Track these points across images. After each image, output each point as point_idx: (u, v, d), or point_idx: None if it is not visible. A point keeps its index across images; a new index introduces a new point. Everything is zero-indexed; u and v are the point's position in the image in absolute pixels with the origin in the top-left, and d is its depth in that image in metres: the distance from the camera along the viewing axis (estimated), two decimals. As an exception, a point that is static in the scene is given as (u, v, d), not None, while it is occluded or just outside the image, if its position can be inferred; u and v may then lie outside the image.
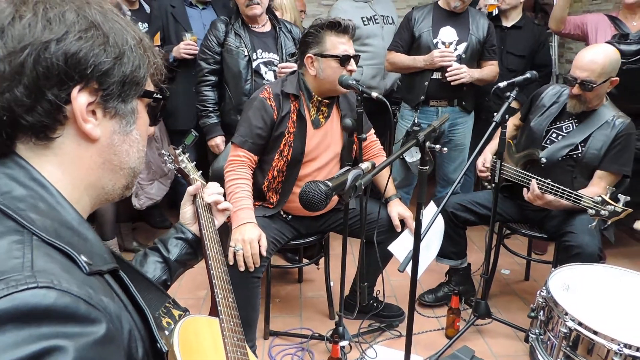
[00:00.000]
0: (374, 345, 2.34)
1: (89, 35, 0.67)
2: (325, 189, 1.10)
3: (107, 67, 0.68)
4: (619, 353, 1.44)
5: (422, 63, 2.87)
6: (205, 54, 2.73)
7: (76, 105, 0.66)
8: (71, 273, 0.59)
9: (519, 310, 2.64)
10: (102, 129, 0.71)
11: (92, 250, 0.67)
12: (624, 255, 3.35)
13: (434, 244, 2.19)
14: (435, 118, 3.00)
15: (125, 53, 0.70)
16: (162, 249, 1.23)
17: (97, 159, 0.72)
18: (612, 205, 1.90)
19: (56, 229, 0.64)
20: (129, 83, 0.72)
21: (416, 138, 1.48)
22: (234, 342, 1.15)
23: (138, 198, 2.93)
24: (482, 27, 2.94)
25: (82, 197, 0.73)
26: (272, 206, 2.23)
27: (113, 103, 0.71)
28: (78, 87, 0.66)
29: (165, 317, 0.98)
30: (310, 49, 2.08)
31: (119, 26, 0.71)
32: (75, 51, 0.65)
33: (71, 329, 0.54)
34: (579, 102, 2.24)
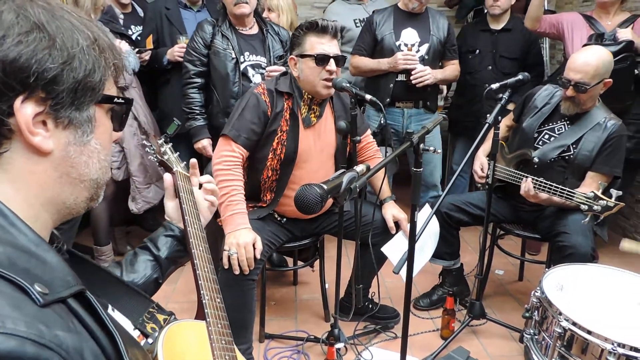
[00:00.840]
0: (370, 347, 2.34)
1: (31, 38, 0.60)
2: (321, 191, 1.10)
3: (53, 73, 0.61)
4: (613, 352, 1.45)
5: (387, 66, 2.90)
6: (191, 55, 2.69)
7: (20, 118, 0.60)
8: (21, 309, 0.54)
9: (513, 310, 2.65)
10: (55, 141, 0.64)
11: (53, 275, 0.60)
12: (617, 254, 3.36)
13: (428, 246, 2.20)
14: (401, 119, 3.03)
15: (76, 56, 0.63)
16: (152, 247, 1.19)
17: (53, 172, 0.66)
18: (604, 200, 1.92)
19: (9, 256, 0.57)
20: (82, 89, 0.65)
21: (410, 140, 1.48)
22: (222, 345, 1.10)
23: (135, 202, 2.92)
24: (443, 27, 2.98)
25: (40, 214, 0.67)
26: (266, 205, 2.22)
27: (65, 112, 0.64)
28: (21, 97, 0.60)
29: (150, 323, 0.96)
30: (293, 51, 2.11)
31: (69, 25, 0.64)
32: (14, 57, 0.59)
33: None
34: (572, 104, 2.26)
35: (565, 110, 2.30)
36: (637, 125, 2.95)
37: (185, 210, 1.21)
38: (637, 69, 2.82)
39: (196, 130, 2.72)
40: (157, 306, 0.98)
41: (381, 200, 2.30)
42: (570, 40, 3.05)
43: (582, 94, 2.20)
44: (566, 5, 4.19)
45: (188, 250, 1.20)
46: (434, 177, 3.16)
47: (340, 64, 2.08)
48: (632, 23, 2.90)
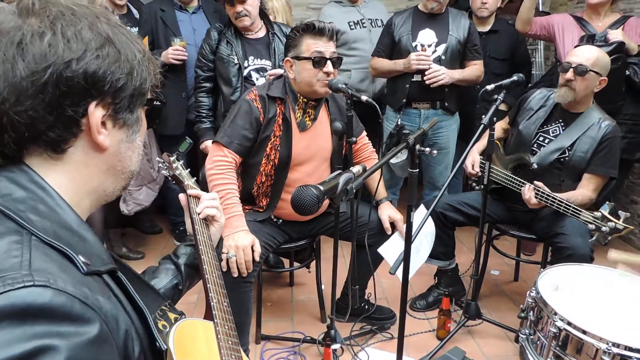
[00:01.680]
0: (366, 348, 2.34)
1: (105, 52, 0.69)
2: (317, 193, 1.11)
3: (122, 82, 0.71)
4: (608, 352, 1.46)
5: (402, 66, 2.90)
6: (200, 61, 2.80)
7: (92, 119, 0.69)
8: (68, 272, 0.61)
9: (508, 310, 2.66)
10: (111, 139, 0.73)
11: (91, 251, 0.68)
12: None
13: (424, 247, 2.20)
14: (417, 120, 3.02)
15: (135, 67, 0.73)
16: (173, 256, 1.25)
17: (102, 165, 0.75)
18: (613, 222, 1.92)
19: (55, 230, 0.65)
20: (137, 95, 0.74)
21: (406, 141, 1.49)
22: (229, 345, 1.15)
23: (126, 204, 2.92)
24: (463, 27, 2.96)
25: (83, 200, 0.75)
26: (262, 210, 2.23)
27: (122, 114, 0.74)
28: (95, 102, 0.69)
29: (161, 320, 0.99)
30: (289, 53, 2.11)
31: (125, 39, 0.73)
32: (95, 69, 0.67)
33: (65, 328, 0.55)
34: (569, 89, 2.26)
35: (560, 98, 2.31)
36: (629, 126, 2.97)
37: (195, 220, 1.28)
38: (627, 70, 2.85)
39: (202, 132, 2.83)
40: (170, 304, 1.02)
41: (377, 201, 2.30)
42: (561, 41, 3.07)
43: (580, 77, 2.21)
44: (560, 7, 4.21)
45: (198, 255, 1.25)
46: (444, 178, 3.13)
47: (336, 65, 2.08)
48: (623, 24, 2.93)
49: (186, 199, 1.32)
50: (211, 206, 1.30)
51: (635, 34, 2.92)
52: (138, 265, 3.04)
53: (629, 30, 2.91)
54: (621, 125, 2.84)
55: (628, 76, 2.86)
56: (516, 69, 2.87)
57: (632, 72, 2.85)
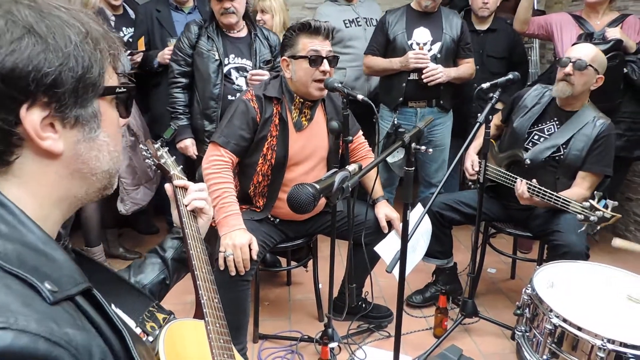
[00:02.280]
0: (363, 347, 2.35)
1: (24, 44, 0.58)
2: (313, 191, 1.11)
3: (52, 77, 0.60)
4: (603, 348, 1.47)
5: (398, 65, 2.90)
6: (176, 55, 2.70)
7: (28, 125, 0.60)
8: (32, 306, 0.54)
9: (505, 308, 2.67)
10: (65, 141, 0.64)
11: (61, 273, 0.61)
12: (606, 252, 3.40)
13: (420, 245, 2.21)
14: (414, 119, 3.03)
15: (71, 55, 0.62)
16: (159, 249, 1.21)
17: (64, 171, 0.66)
18: (601, 210, 1.94)
19: (19, 254, 0.58)
20: (83, 87, 0.64)
21: (402, 139, 1.49)
22: (220, 344, 1.13)
23: (124, 203, 2.91)
24: (456, 26, 2.97)
25: (52, 212, 0.67)
26: (260, 210, 2.23)
27: (71, 112, 0.63)
28: (25, 105, 0.59)
29: (149, 322, 0.97)
30: (285, 52, 2.11)
31: (59, 21, 0.62)
32: (11, 67, 0.57)
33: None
34: (567, 84, 2.27)
35: (558, 92, 2.32)
36: (627, 124, 2.98)
37: (182, 212, 1.23)
38: (625, 67, 2.85)
39: (179, 129, 2.73)
40: (157, 305, 1.00)
41: (374, 200, 2.31)
42: (559, 40, 3.08)
43: (579, 72, 2.23)
44: (556, 5, 4.22)
45: (186, 251, 1.21)
46: (438, 175, 3.15)
47: (333, 64, 2.09)
48: (621, 22, 2.94)
49: (172, 190, 1.26)
50: (199, 198, 1.25)
51: (633, 32, 2.93)
52: (135, 266, 3.03)
53: (627, 29, 2.92)
54: (620, 123, 2.86)
55: (626, 74, 2.86)
56: (514, 68, 2.88)
57: (630, 70, 2.85)
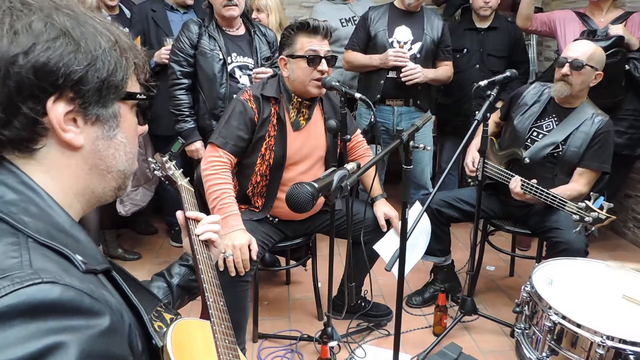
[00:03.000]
0: (363, 345, 2.35)
1: (58, 44, 0.65)
2: (312, 190, 1.11)
3: (79, 74, 0.66)
4: (602, 345, 1.47)
5: (378, 62, 2.89)
6: (177, 56, 2.64)
7: (53, 117, 0.66)
8: (69, 271, 0.61)
9: (504, 305, 2.68)
10: (85, 136, 0.70)
11: (85, 252, 0.67)
12: (605, 248, 3.42)
13: (420, 244, 2.21)
14: (391, 117, 3.03)
15: (99, 58, 0.69)
16: (166, 274, 1.24)
17: (84, 165, 0.72)
18: (596, 212, 1.94)
19: (49, 231, 0.64)
20: (106, 88, 0.70)
21: (400, 137, 1.49)
22: (226, 344, 1.15)
23: (123, 204, 2.91)
24: (437, 27, 2.98)
25: (73, 203, 0.73)
26: (258, 210, 2.23)
27: (92, 109, 0.70)
28: (52, 98, 0.65)
29: (157, 321, 0.98)
30: (283, 51, 2.10)
31: (92, 29, 0.69)
32: (44, 62, 0.64)
33: (77, 322, 0.55)
34: (565, 84, 2.27)
35: (556, 92, 2.32)
36: (630, 121, 2.97)
37: (190, 223, 1.28)
38: (627, 64, 2.83)
39: (187, 132, 2.70)
40: (165, 305, 1.02)
41: (372, 198, 2.31)
42: (563, 37, 3.07)
43: (576, 72, 2.23)
44: (553, 2, 4.23)
45: (193, 256, 1.25)
46: (425, 176, 3.16)
47: (330, 63, 2.08)
48: (625, 20, 2.92)
49: (183, 217, 1.29)
50: (212, 230, 1.29)
51: (637, 29, 2.91)
52: (134, 266, 3.03)
53: (631, 26, 2.91)
54: (622, 121, 2.86)
55: (628, 71, 2.85)
56: (514, 66, 2.88)
57: (633, 67, 2.84)
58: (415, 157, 3.10)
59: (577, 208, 2.00)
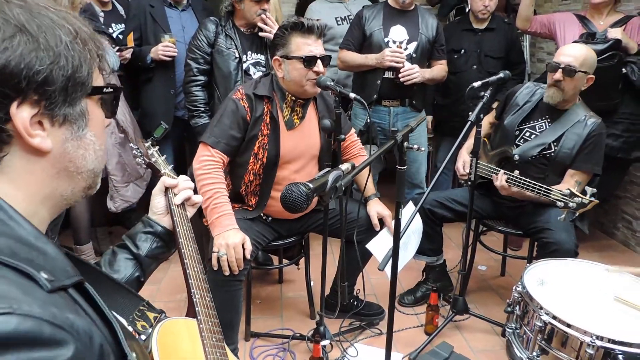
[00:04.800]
0: (355, 344, 2.36)
1: (15, 42, 0.60)
2: (307, 190, 1.11)
3: (43, 75, 0.61)
4: (592, 344, 1.49)
5: (374, 62, 2.87)
6: (194, 53, 2.70)
7: (18, 122, 0.61)
8: (31, 294, 0.56)
9: (495, 305, 2.70)
10: (53, 139, 0.66)
11: (54, 265, 0.62)
12: (595, 249, 3.46)
13: (412, 243, 2.22)
14: (387, 117, 3.03)
15: (61, 54, 0.63)
16: (131, 245, 1.16)
17: (51, 170, 0.68)
18: (579, 197, 1.96)
19: (11, 247, 0.59)
20: (72, 86, 0.65)
21: (394, 138, 1.50)
22: (213, 342, 1.13)
23: (113, 201, 2.89)
24: (432, 26, 2.97)
25: (39, 210, 0.68)
26: (252, 209, 2.23)
27: (59, 110, 0.65)
28: (16, 102, 0.61)
29: (140, 321, 0.97)
30: (277, 51, 2.08)
31: (49, 22, 0.64)
32: (4, 65, 0.59)
33: (37, 354, 0.52)
34: (557, 89, 2.29)
35: (548, 99, 2.33)
36: (625, 125, 2.98)
37: (174, 211, 1.22)
38: (625, 67, 2.85)
39: (202, 128, 2.71)
40: (148, 304, 0.99)
41: (366, 198, 2.31)
42: (562, 39, 3.09)
43: (568, 78, 2.24)
44: (546, 4, 4.26)
45: (178, 251, 1.21)
46: (419, 175, 3.16)
47: (325, 63, 2.08)
48: (625, 24, 2.94)
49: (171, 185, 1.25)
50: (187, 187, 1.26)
51: (637, 33, 2.93)
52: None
53: (630, 30, 2.92)
54: (618, 124, 2.88)
55: (625, 74, 2.86)
56: (511, 67, 2.89)
57: (630, 70, 2.85)
58: (411, 156, 3.10)
59: (561, 195, 2.02)
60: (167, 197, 1.24)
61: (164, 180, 1.26)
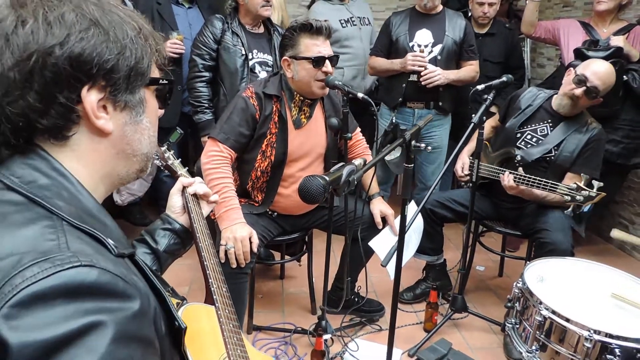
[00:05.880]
0: (356, 339, 2.39)
1: (90, 34, 0.67)
2: (323, 182, 1.16)
3: (111, 64, 0.69)
4: (589, 338, 1.54)
5: (399, 66, 2.95)
6: (200, 49, 2.74)
7: (87, 104, 0.68)
8: (104, 254, 0.63)
9: (493, 304, 2.75)
10: (114, 122, 0.73)
11: (112, 236, 0.69)
12: (592, 252, 3.50)
13: (412, 242, 2.26)
14: (411, 119, 3.09)
15: (127, 46, 0.71)
16: (150, 240, 1.24)
17: (112, 150, 0.75)
18: (586, 190, 2.02)
19: (80, 215, 0.67)
20: (134, 75, 0.73)
21: (402, 137, 1.54)
22: (230, 328, 1.19)
23: (120, 194, 2.93)
24: (459, 27, 3.01)
25: (98, 186, 0.76)
26: (258, 204, 2.27)
27: (122, 96, 0.72)
28: (87, 86, 0.68)
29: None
30: (286, 52, 2.13)
31: (118, 18, 0.72)
32: (79, 53, 0.66)
33: (112, 303, 0.58)
34: (571, 103, 2.34)
35: (559, 107, 2.38)
36: (626, 131, 3.03)
37: (191, 209, 1.30)
38: (626, 75, 2.90)
39: (205, 124, 2.77)
40: (172, 290, 1.06)
41: (369, 196, 2.36)
42: (566, 46, 3.14)
43: (588, 99, 2.28)
44: (547, 10, 4.32)
45: (195, 245, 1.28)
46: (436, 177, 3.16)
47: (334, 63, 2.13)
48: (628, 32, 3.00)
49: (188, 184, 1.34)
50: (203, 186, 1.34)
51: (639, 41, 2.98)
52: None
53: (633, 38, 2.98)
54: (618, 130, 2.94)
55: (626, 81, 2.91)
56: (510, 72, 2.95)
57: (631, 77, 2.90)
58: (429, 158, 3.16)
59: (568, 189, 2.08)
60: (184, 196, 1.33)
61: (182, 180, 1.35)
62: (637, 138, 3.07)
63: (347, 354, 2.29)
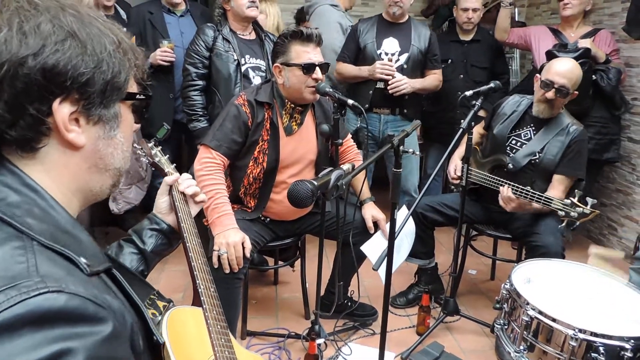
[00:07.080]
0: (349, 343, 2.41)
1: (66, 46, 0.65)
2: (312, 187, 1.19)
3: (86, 77, 0.67)
4: (575, 337, 1.57)
5: (366, 73, 3.00)
6: (193, 58, 2.76)
7: (58, 117, 0.66)
8: (75, 275, 0.61)
9: (485, 307, 2.77)
10: (87, 136, 0.71)
11: (87, 251, 0.67)
12: (582, 255, 3.51)
13: (404, 246, 2.29)
14: (377, 124, 3.14)
15: (104, 60, 0.69)
16: (137, 240, 1.23)
17: (83, 164, 0.73)
18: (581, 207, 2.06)
19: (52, 233, 0.64)
20: (110, 89, 0.71)
21: (391, 142, 1.58)
22: (218, 329, 1.19)
23: (116, 202, 2.94)
24: (424, 37, 3.08)
25: (72, 201, 0.74)
26: (251, 210, 2.29)
27: (95, 110, 0.70)
28: (59, 99, 0.66)
29: (150, 309, 1.01)
30: (277, 59, 2.16)
31: (97, 31, 0.70)
32: (53, 64, 0.64)
33: (81, 329, 0.57)
34: (548, 106, 2.40)
35: (538, 113, 2.44)
36: (597, 128, 3.19)
37: (178, 207, 1.29)
38: (595, 75, 3.06)
39: (200, 131, 2.79)
40: (158, 293, 1.05)
41: (361, 201, 2.38)
42: (537, 51, 3.29)
43: (562, 98, 2.34)
44: (535, 17, 4.39)
45: (183, 245, 1.27)
46: (410, 182, 3.21)
47: (324, 70, 2.16)
48: (594, 35, 3.16)
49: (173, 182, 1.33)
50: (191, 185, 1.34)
51: (604, 44, 3.16)
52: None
53: (599, 41, 3.14)
54: (589, 127, 3.05)
55: (595, 81, 3.07)
56: (496, 77, 3.02)
57: (599, 77, 3.06)
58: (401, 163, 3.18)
59: (562, 205, 2.11)
60: (171, 195, 1.32)
61: (166, 180, 1.34)
62: (607, 134, 3.22)
63: (340, 358, 2.31)
